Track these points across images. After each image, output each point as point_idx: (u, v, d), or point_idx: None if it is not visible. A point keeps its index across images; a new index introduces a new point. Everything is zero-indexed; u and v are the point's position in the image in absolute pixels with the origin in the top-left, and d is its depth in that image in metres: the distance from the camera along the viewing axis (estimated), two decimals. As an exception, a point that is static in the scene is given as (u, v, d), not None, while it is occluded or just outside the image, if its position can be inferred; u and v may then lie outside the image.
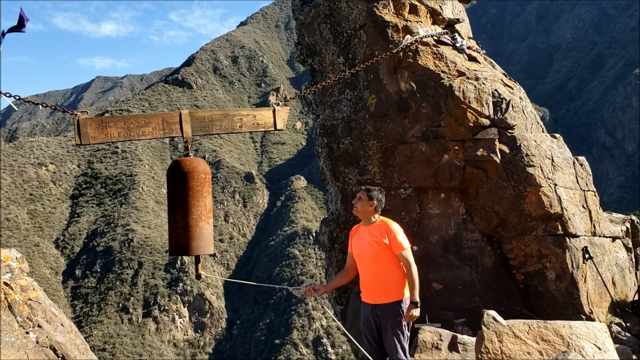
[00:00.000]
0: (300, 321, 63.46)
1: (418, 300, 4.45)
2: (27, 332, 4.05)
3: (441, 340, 5.62)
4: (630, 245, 8.02)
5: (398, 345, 4.45)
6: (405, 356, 4.48)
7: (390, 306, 4.49)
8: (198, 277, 4.21)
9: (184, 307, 66.96)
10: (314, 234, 71.04)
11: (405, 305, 4.49)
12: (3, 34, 4.25)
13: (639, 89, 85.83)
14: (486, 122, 7.15)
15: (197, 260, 4.12)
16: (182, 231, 3.90)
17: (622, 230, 7.94)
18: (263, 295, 69.32)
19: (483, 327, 4.98)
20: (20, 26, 4.23)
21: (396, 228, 4.56)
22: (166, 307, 65.62)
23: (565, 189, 7.10)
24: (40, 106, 4.62)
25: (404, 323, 4.48)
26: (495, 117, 7.19)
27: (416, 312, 4.44)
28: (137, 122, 4.19)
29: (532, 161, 7.01)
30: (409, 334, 4.55)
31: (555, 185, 7.02)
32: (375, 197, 4.64)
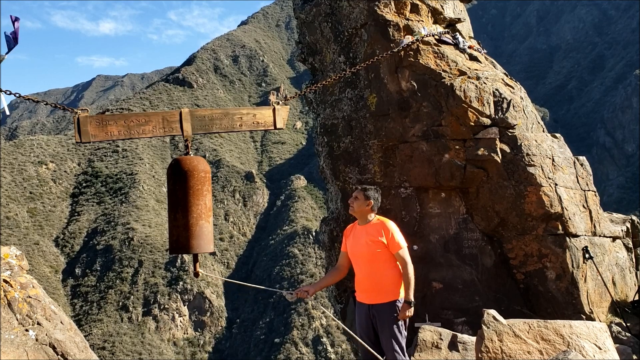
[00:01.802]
0: (300, 320, 63.49)
1: (412, 299, 4.44)
2: (27, 330, 4.04)
3: (441, 339, 5.61)
4: (631, 245, 8.02)
5: (395, 345, 4.43)
6: (403, 355, 4.46)
7: (386, 306, 4.46)
8: (196, 275, 4.22)
9: (184, 305, 66.99)
10: (313, 234, 71.09)
11: (402, 304, 4.47)
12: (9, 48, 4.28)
13: (639, 90, 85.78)
14: (487, 121, 7.15)
15: (195, 258, 4.13)
16: (183, 230, 3.91)
17: (622, 230, 7.93)
18: (263, 294, 69.31)
19: (483, 326, 4.97)
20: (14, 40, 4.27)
21: (393, 227, 4.55)
22: (166, 306, 65.65)
23: (565, 188, 7.10)
24: (40, 104, 4.62)
25: (401, 322, 4.46)
26: (496, 116, 7.18)
27: (410, 312, 4.43)
28: (138, 120, 4.18)
29: (532, 161, 7.01)
30: (406, 333, 4.54)
31: (556, 185, 7.02)
32: (371, 196, 4.61)
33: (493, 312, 5.12)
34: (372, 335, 4.56)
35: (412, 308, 4.43)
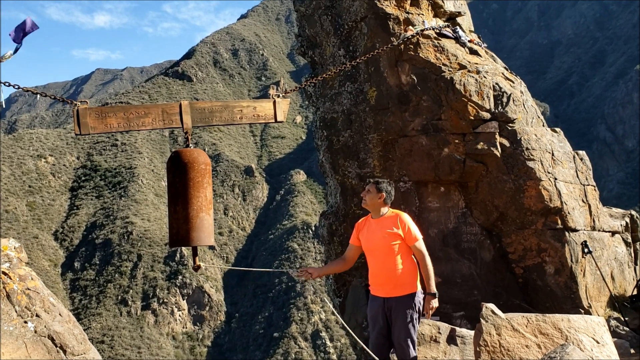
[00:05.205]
0: (299, 314, 63.64)
1: (435, 290, 4.43)
2: (26, 322, 4.04)
3: (440, 333, 5.61)
4: (630, 240, 8.02)
5: (408, 339, 4.41)
6: (414, 349, 4.44)
7: (403, 299, 4.44)
8: (196, 268, 4.20)
9: (183, 299, 67.12)
10: (313, 228, 71.13)
11: (418, 298, 4.46)
12: (17, 48, 4.28)
13: (639, 85, 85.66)
14: (487, 115, 7.13)
15: (195, 252, 4.11)
16: (183, 222, 3.89)
17: (621, 225, 7.93)
18: (262, 289, 69.49)
19: (482, 320, 4.97)
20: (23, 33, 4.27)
21: (408, 219, 4.52)
22: (165, 300, 65.77)
23: (565, 183, 7.10)
24: (39, 97, 4.61)
25: (415, 316, 4.45)
26: (496, 110, 7.17)
27: (435, 303, 4.43)
28: (137, 112, 4.17)
29: (532, 155, 7.00)
30: (419, 327, 4.53)
31: (555, 179, 7.01)
32: (384, 189, 4.56)
33: (492, 306, 5.12)
34: (384, 329, 4.53)
35: (437, 299, 4.44)
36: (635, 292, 7.27)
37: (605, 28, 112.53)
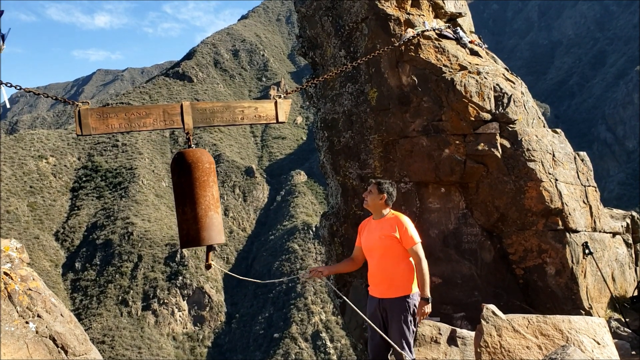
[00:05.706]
0: (300, 315, 63.63)
1: (429, 295, 4.42)
2: (27, 322, 4.05)
3: (440, 334, 5.62)
4: (631, 241, 8.02)
5: (403, 341, 4.42)
6: (410, 351, 4.44)
7: (397, 301, 4.45)
8: (208, 267, 4.18)
9: (184, 300, 67.13)
10: (313, 229, 71.14)
11: (413, 300, 4.46)
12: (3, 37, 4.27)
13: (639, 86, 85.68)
14: (487, 116, 7.14)
15: (209, 250, 4.09)
16: (192, 222, 3.89)
17: (622, 226, 7.93)
18: (262, 289, 69.46)
19: (482, 321, 4.98)
20: None
21: (407, 222, 4.52)
22: (165, 301, 65.79)
23: (565, 184, 7.10)
24: (41, 98, 4.62)
25: (411, 318, 4.45)
26: (497, 111, 7.17)
27: (428, 308, 4.42)
28: (138, 113, 4.18)
29: (533, 156, 7.00)
30: (414, 329, 4.53)
31: (556, 180, 7.02)
32: (385, 190, 4.56)
33: (492, 307, 5.13)
34: (381, 329, 4.55)
35: (430, 304, 4.43)
36: (636, 293, 7.27)
37: (605, 29, 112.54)
